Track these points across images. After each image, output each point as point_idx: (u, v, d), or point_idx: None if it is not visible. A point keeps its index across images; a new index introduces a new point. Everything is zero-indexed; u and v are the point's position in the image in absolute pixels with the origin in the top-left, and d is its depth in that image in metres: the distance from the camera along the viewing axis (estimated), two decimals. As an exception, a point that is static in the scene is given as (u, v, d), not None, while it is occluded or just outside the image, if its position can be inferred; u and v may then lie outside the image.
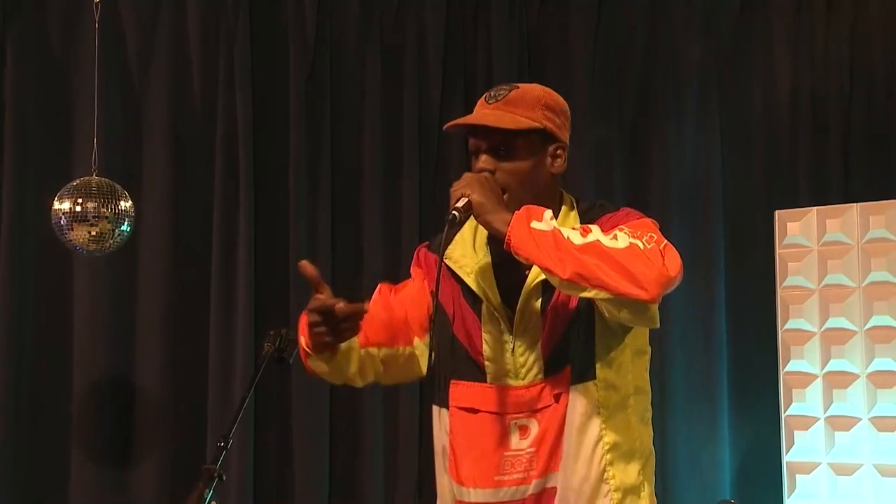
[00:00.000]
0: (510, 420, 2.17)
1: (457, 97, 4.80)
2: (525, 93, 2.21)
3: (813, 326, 4.22)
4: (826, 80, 4.77)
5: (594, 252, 2.00)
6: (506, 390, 2.17)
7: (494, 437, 2.17)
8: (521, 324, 2.17)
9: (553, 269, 2.01)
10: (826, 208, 4.29)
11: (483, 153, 2.16)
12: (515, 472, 2.16)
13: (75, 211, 3.92)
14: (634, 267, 1.99)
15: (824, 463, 4.16)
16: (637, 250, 2.01)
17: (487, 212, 2.07)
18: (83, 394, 4.48)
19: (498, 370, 2.18)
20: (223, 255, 4.55)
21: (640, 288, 1.99)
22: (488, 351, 2.18)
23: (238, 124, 4.58)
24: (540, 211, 2.06)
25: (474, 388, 2.19)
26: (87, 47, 4.35)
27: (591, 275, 1.98)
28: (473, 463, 2.18)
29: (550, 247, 2.01)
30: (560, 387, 2.15)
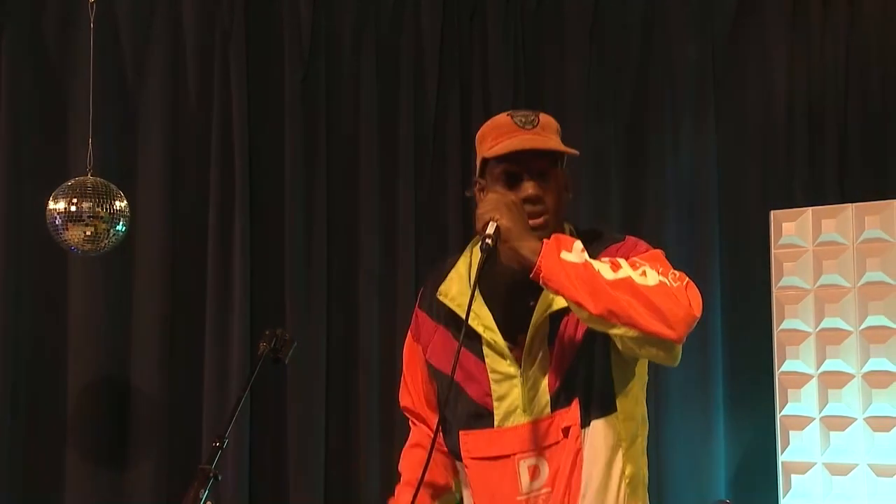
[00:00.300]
0: (518, 461, 2.13)
1: (452, 98, 4.80)
2: (549, 120, 2.17)
3: (808, 326, 4.23)
4: (821, 81, 4.78)
5: (626, 289, 1.95)
6: (513, 430, 2.13)
7: (505, 482, 2.13)
8: (529, 357, 2.12)
9: (584, 304, 1.95)
10: (821, 208, 4.29)
11: (527, 179, 2.09)
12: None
13: (70, 211, 3.91)
14: (665, 306, 1.95)
15: (819, 463, 4.17)
16: (666, 289, 1.97)
17: (515, 238, 2.00)
18: (79, 393, 4.48)
19: (507, 409, 2.14)
20: (219, 255, 4.54)
21: (669, 328, 1.95)
22: (498, 390, 2.14)
23: (233, 124, 4.57)
24: (570, 241, 2.01)
25: (483, 436, 2.15)
26: (83, 47, 4.34)
27: (623, 312, 1.94)
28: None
29: (582, 280, 1.95)
30: (568, 420, 2.11)
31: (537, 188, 2.09)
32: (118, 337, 4.51)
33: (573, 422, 2.10)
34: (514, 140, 2.08)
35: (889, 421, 4.05)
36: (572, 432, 2.10)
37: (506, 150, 2.07)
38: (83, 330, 4.48)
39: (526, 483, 2.12)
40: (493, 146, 2.10)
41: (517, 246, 2.00)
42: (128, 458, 4.50)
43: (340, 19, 4.76)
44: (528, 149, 2.07)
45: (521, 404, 2.11)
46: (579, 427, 2.10)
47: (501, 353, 2.13)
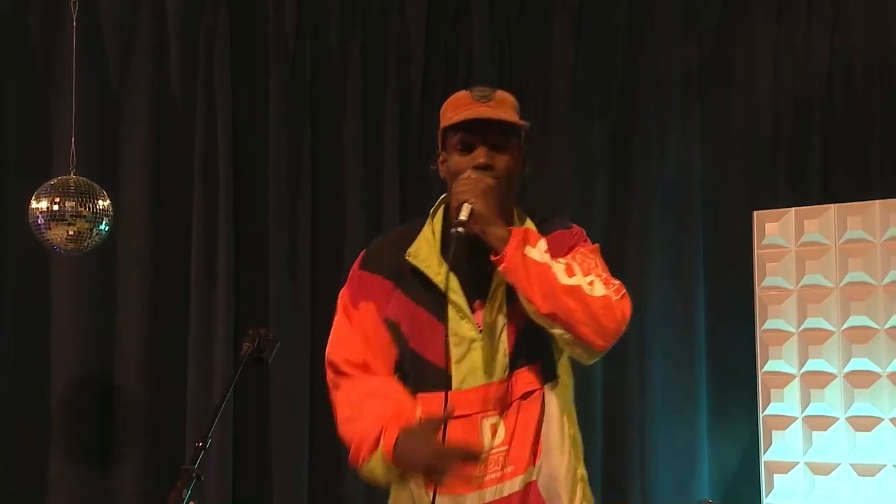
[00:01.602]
0: (481, 419, 2.21)
1: (438, 97, 4.77)
2: (506, 95, 2.32)
3: (791, 326, 4.25)
4: (805, 81, 4.80)
5: (575, 297, 2.12)
6: (474, 391, 2.21)
7: (467, 440, 2.19)
8: (489, 323, 2.22)
9: (535, 301, 2.12)
10: (804, 209, 4.31)
11: (480, 147, 2.23)
12: (490, 471, 2.21)
13: (53, 210, 3.89)
14: (604, 320, 2.14)
15: (802, 462, 4.18)
16: (609, 302, 2.16)
17: (487, 223, 2.16)
18: (61, 394, 4.46)
19: (466, 371, 2.22)
20: (202, 254, 4.53)
21: (600, 338, 2.15)
22: (456, 352, 2.21)
23: (217, 123, 4.56)
24: (536, 237, 2.17)
25: (441, 397, 2.19)
26: (66, 45, 4.32)
27: (567, 317, 2.12)
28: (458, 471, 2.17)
29: (539, 280, 2.11)
30: (528, 384, 2.23)
31: (488, 156, 2.22)
32: (101, 337, 4.50)
33: (534, 385, 2.23)
34: (470, 111, 2.24)
35: (871, 420, 4.07)
36: (534, 395, 2.23)
37: (460, 119, 2.23)
38: (66, 330, 4.46)
39: (488, 440, 2.21)
40: (451, 118, 2.26)
41: (486, 230, 2.15)
42: (111, 459, 4.48)
43: (325, 18, 4.76)
44: (480, 118, 2.22)
45: (481, 366, 2.21)
46: (541, 391, 2.24)
47: (464, 315, 2.22)
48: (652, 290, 4.79)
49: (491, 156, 2.23)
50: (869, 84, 4.73)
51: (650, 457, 4.70)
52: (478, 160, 2.22)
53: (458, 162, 2.25)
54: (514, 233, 2.16)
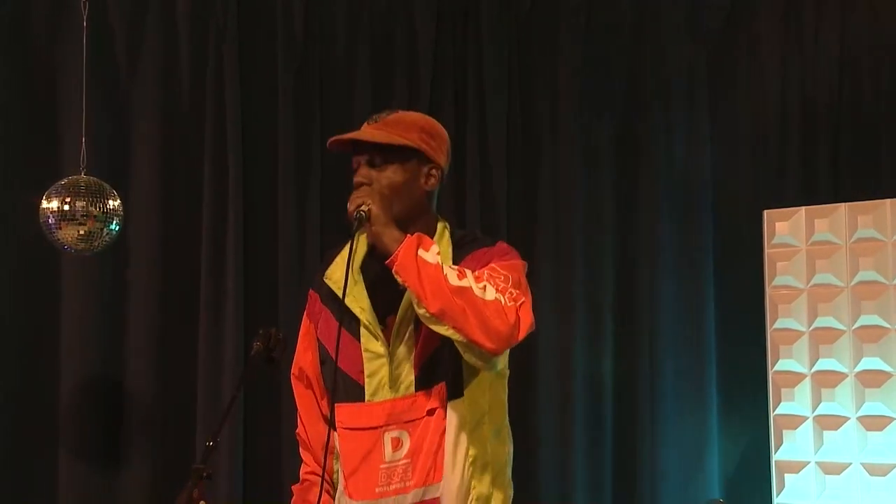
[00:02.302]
0: (383, 432, 2.35)
1: (447, 92, 4.80)
2: (403, 116, 2.43)
3: (801, 326, 4.24)
4: (815, 80, 4.79)
5: (464, 297, 2.20)
6: (381, 405, 2.35)
7: (371, 451, 2.35)
8: (397, 338, 2.35)
9: (424, 300, 2.21)
10: (814, 208, 4.30)
11: (361, 166, 2.38)
12: (394, 482, 2.34)
13: (63, 210, 3.90)
14: (492, 321, 2.20)
15: (813, 462, 4.18)
16: (499, 306, 2.22)
17: (382, 224, 2.29)
18: (71, 394, 4.46)
19: (376, 385, 2.36)
20: (212, 253, 4.54)
21: (489, 340, 2.20)
22: (368, 367, 2.36)
23: (227, 121, 4.56)
24: (430, 242, 2.28)
25: (353, 408, 2.37)
26: (75, 45, 4.33)
27: (455, 316, 2.20)
28: (357, 477, 2.37)
29: (429, 279, 2.21)
30: (433, 402, 2.34)
31: (365, 173, 2.37)
32: (111, 336, 4.50)
33: (439, 403, 2.33)
34: (351, 132, 2.41)
35: (882, 420, 4.06)
36: (438, 413, 2.33)
37: (330, 141, 2.45)
38: (76, 329, 4.46)
39: (389, 453, 2.35)
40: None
41: (381, 232, 2.28)
42: (121, 458, 4.49)
43: (334, 17, 4.76)
44: (350, 138, 2.39)
45: (387, 382, 2.34)
46: (444, 410, 2.34)
47: (374, 333, 2.36)
48: (661, 290, 4.79)
49: (369, 174, 2.36)
50: (877, 82, 4.72)
51: (660, 456, 4.70)
52: (355, 179, 2.38)
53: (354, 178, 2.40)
54: (408, 237, 2.27)
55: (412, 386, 2.34)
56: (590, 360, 4.72)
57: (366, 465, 2.36)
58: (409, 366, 2.34)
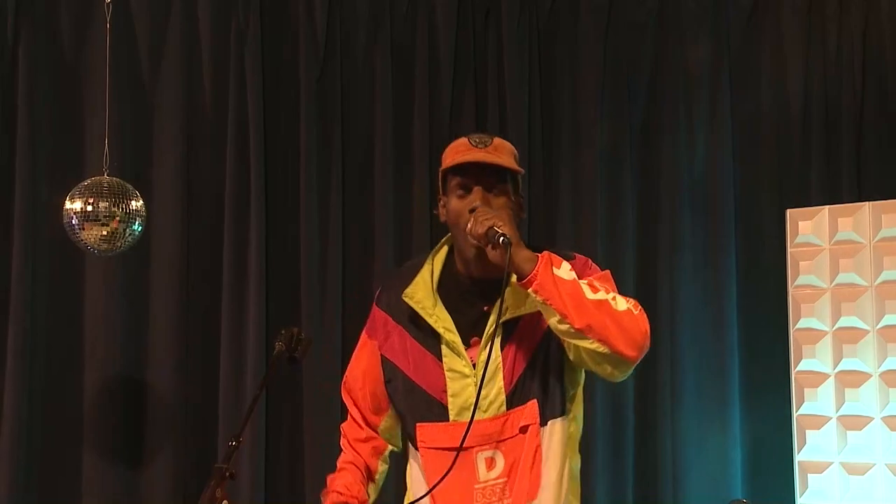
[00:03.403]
0: (476, 452, 2.33)
1: (467, 97, 4.80)
2: (503, 143, 2.39)
3: (825, 325, 4.21)
4: (837, 78, 4.76)
5: (605, 311, 2.22)
6: (475, 424, 2.29)
7: (463, 471, 2.32)
8: (483, 360, 2.31)
9: (569, 317, 2.20)
10: (838, 207, 4.28)
11: (476, 190, 2.33)
12: (493, 500, 2.33)
13: (87, 211, 3.92)
14: (632, 331, 2.24)
15: (836, 462, 4.15)
16: (632, 315, 2.25)
17: (517, 245, 2.24)
18: (95, 393, 4.49)
19: (461, 405, 2.34)
20: (234, 254, 4.55)
21: (630, 349, 2.24)
22: (452, 387, 2.34)
23: (249, 124, 4.58)
24: (560, 260, 2.27)
25: (439, 428, 2.35)
26: (99, 47, 4.36)
27: (600, 330, 2.21)
28: (449, 497, 2.34)
29: (570, 296, 2.21)
30: (526, 420, 2.33)
31: (484, 198, 2.32)
32: (134, 336, 4.53)
33: (532, 421, 2.32)
34: (467, 155, 2.34)
35: (907, 420, 4.03)
36: (531, 430, 2.32)
37: (457, 162, 2.33)
38: (99, 329, 4.49)
39: (483, 473, 2.33)
40: (449, 161, 2.37)
41: (514, 253, 2.22)
42: (144, 458, 4.51)
43: (355, 18, 4.77)
44: (476, 161, 2.31)
45: (473, 402, 2.30)
46: (538, 426, 2.32)
47: (458, 352, 2.34)
48: (683, 289, 4.77)
49: (486, 198, 2.32)
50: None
51: (682, 456, 4.68)
52: (474, 203, 2.31)
53: (455, 204, 2.35)
54: (541, 255, 2.26)
55: (503, 406, 2.33)
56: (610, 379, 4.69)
57: (459, 485, 2.33)
58: (499, 385, 2.33)
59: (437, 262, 2.44)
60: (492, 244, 2.23)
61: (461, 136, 2.41)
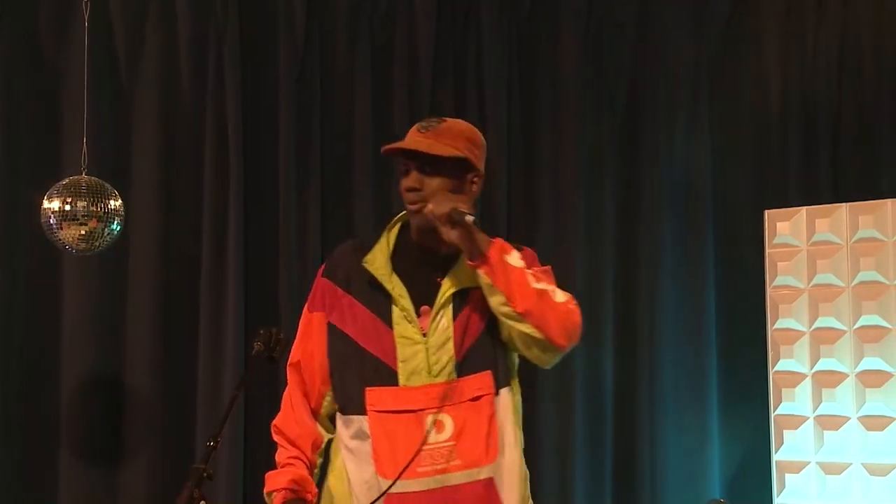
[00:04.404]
0: (426, 416, 2.40)
1: (447, 97, 4.80)
2: (451, 126, 2.50)
3: (802, 326, 4.24)
4: (815, 80, 4.79)
5: (545, 300, 2.38)
6: (419, 389, 2.40)
7: (412, 433, 2.39)
8: (434, 327, 2.42)
9: (512, 300, 2.36)
10: (815, 208, 4.30)
11: (413, 172, 2.46)
12: (437, 463, 2.39)
13: (65, 210, 3.90)
14: (566, 322, 2.40)
15: (813, 462, 4.17)
16: (568, 308, 2.42)
17: (475, 230, 2.39)
18: (72, 393, 4.47)
19: (412, 370, 2.42)
20: (213, 254, 4.54)
21: (563, 338, 2.39)
22: (402, 353, 2.42)
23: (228, 123, 4.57)
24: (510, 248, 2.43)
25: (387, 392, 2.41)
26: (77, 46, 4.33)
27: (539, 317, 2.37)
28: (395, 458, 2.39)
29: (517, 282, 2.37)
30: (479, 389, 2.43)
31: (417, 180, 2.44)
32: (112, 336, 4.51)
33: (487, 391, 2.43)
34: (403, 141, 2.47)
35: (883, 420, 4.05)
36: (485, 399, 2.43)
37: (389, 147, 2.48)
38: (77, 329, 4.47)
39: (432, 435, 2.40)
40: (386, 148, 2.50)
41: (475, 235, 2.39)
42: (122, 458, 4.49)
43: (334, 18, 4.76)
44: (404, 147, 2.45)
45: (425, 367, 2.40)
46: (493, 396, 2.44)
47: (410, 319, 2.43)
48: (662, 290, 4.79)
49: (420, 179, 2.44)
50: (877, 82, 4.72)
51: (660, 456, 4.70)
52: (407, 183, 2.46)
53: (400, 183, 2.49)
54: (495, 240, 2.42)
55: (453, 373, 2.41)
56: (590, 361, 4.71)
57: (405, 446, 2.39)
58: (448, 353, 2.42)
59: (392, 234, 2.54)
60: (452, 224, 2.37)
61: None
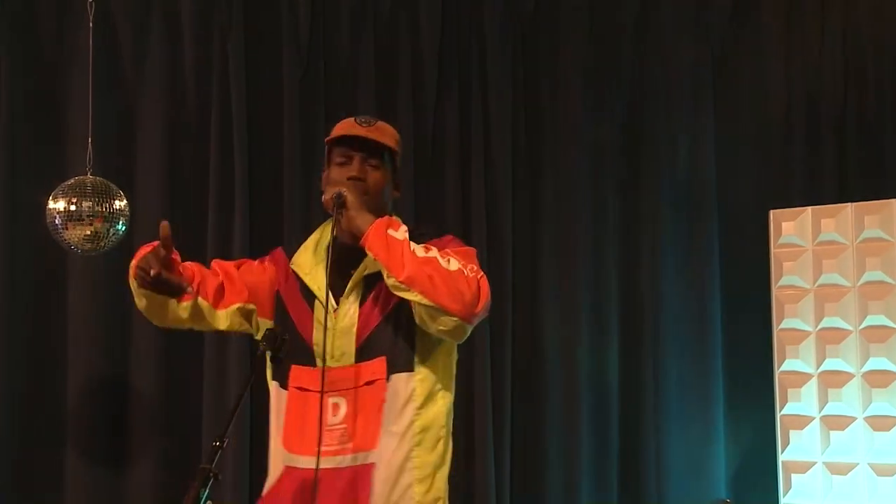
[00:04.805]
0: (328, 398, 2.55)
1: (451, 97, 4.79)
2: (386, 126, 2.69)
3: (808, 326, 4.23)
4: (819, 80, 4.79)
5: (430, 266, 2.44)
6: (326, 372, 2.54)
7: (316, 413, 2.53)
8: (341, 314, 2.57)
9: (392, 270, 2.44)
10: (821, 208, 4.30)
11: (356, 161, 2.60)
12: (333, 444, 2.54)
13: (70, 210, 3.90)
14: (457, 286, 2.43)
15: (819, 462, 4.17)
16: (462, 274, 2.46)
17: (356, 209, 2.52)
18: (77, 394, 4.47)
19: (319, 353, 2.56)
20: (218, 253, 4.52)
21: (455, 303, 2.43)
22: (316, 336, 2.57)
23: (233, 123, 4.57)
24: (398, 224, 2.53)
25: (306, 371, 2.58)
26: (81, 46, 4.33)
27: (422, 282, 2.42)
28: (302, 435, 2.56)
29: (398, 252, 2.45)
30: (373, 374, 2.54)
31: (361, 169, 2.60)
32: (117, 337, 4.50)
33: (379, 375, 2.54)
34: (351, 130, 2.62)
35: (889, 420, 4.05)
36: (378, 384, 2.54)
37: (339, 133, 2.63)
38: (82, 330, 4.47)
39: (330, 417, 2.55)
40: (334, 134, 2.65)
41: (355, 216, 2.51)
42: (127, 458, 4.49)
43: (339, 19, 4.76)
44: (359, 135, 2.59)
45: (330, 352, 2.55)
46: (384, 381, 2.54)
47: (323, 307, 2.57)
48: (667, 290, 4.78)
49: (364, 170, 2.59)
50: (881, 81, 4.72)
51: (666, 456, 4.69)
52: (351, 172, 2.58)
53: (336, 172, 2.61)
54: (379, 219, 2.52)
55: (352, 357, 2.55)
56: (595, 360, 4.72)
57: (310, 425, 2.54)
58: (350, 339, 2.55)
59: (327, 230, 2.69)
60: (338, 209, 2.51)
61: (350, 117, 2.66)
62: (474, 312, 2.45)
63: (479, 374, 4.61)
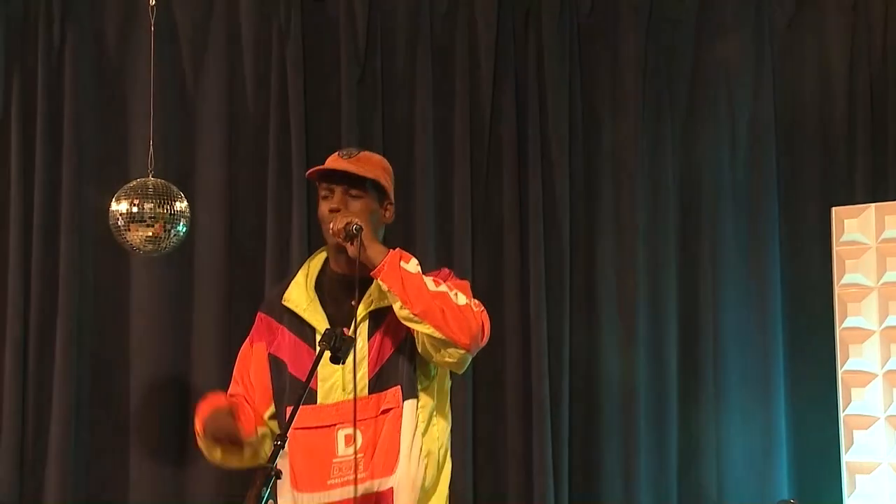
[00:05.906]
0: (337, 430, 2.61)
1: (507, 98, 4.78)
2: (369, 157, 2.75)
3: (872, 324, 4.17)
4: (883, 74, 4.71)
5: (441, 300, 2.55)
6: (334, 406, 2.62)
7: (324, 447, 2.62)
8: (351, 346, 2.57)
9: (406, 303, 2.54)
10: (884, 205, 4.23)
11: (336, 193, 2.66)
12: (345, 475, 2.59)
13: (132, 212, 3.96)
14: (465, 321, 2.55)
15: (885, 463, 4.10)
16: (470, 309, 2.58)
17: (369, 239, 2.60)
18: (141, 393, 4.54)
19: (329, 388, 2.63)
20: (276, 254, 4.58)
21: (464, 336, 2.54)
22: (322, 373, 2.60)
23: (291, 125, 4.60)
24: (408, 256, 2.62)
25: (307, 410, 2.58)
26: (143, 49, 4.40)
27: (434, 316, 2.53)
28: (308, 472, 2.62)
29: (412, 286, 2.55)
30: (389, 402, 2.62)
31: (341, 201, 2.66)
32: (179, 336, 4.57)
33: (395, 404, 2.62)
34: (328, 164, 2.70)
35: (956, 420, 3.97)
36: (394, 413, 2.62)
37: (314, 169, 2.71)
38: (145, 330, 4.54)
39: (342, 448, 2.61)
40: (311, 171, 2.73)
41: (369, 245, 2.59)
42: (189, 456, 4.54)
43: (395, 19, 4.78)
44: (332, 168, 2.67)
45: (341, 384, 2.60)
46: (400, 409, 2.62)
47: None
48: (726, 287, 4.74)
49: (345, 201, 2.65)
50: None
51: (727, 455, 4.65)
52: (330, 205, 2.66)
53: (321, 206, 2.69)
54: (391, 250, 2.61)
55: (366, 388, 2.61)
56: (654, 360, 4.68)
57: (318, 460, 2.61)
58: (363, 371, 2.61)
59: (314, 265, 2.77)
60: (349, 239, 2.56)
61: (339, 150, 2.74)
62: (479, 345, 2.58)
63: (536, 376, 4.59)
